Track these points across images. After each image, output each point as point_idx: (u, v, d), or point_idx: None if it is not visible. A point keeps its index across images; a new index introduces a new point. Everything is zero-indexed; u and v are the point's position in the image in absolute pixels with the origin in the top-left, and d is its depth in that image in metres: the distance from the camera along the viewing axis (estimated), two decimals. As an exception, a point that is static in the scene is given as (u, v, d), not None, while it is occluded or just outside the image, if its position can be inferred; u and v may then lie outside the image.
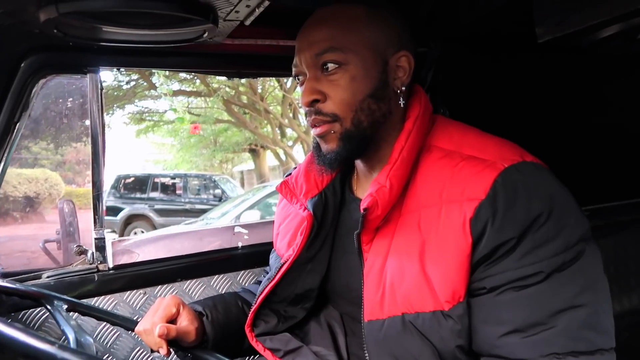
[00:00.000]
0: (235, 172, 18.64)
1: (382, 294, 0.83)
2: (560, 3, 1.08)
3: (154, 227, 9.55)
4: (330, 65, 0.86)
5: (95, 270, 1.23)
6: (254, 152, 14.02)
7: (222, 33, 1.12)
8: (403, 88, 0.91)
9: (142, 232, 9.64)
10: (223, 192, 10.26)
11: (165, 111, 12.35)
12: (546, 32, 1.13)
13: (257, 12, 0.99)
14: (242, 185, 16.41)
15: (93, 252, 1.24)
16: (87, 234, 1.26)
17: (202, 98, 11.74)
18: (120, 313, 1.20)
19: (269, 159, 14.51)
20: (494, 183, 0.75)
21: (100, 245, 1.23)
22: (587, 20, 1.04)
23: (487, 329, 0.75)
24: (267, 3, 0.95)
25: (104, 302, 1.22)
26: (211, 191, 10.40)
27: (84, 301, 1.19)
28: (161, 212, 9.88)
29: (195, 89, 11.09)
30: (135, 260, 1.29)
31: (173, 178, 10.62)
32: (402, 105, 0.91)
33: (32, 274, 1.22)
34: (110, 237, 1.28)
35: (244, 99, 11.31)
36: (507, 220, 0.73)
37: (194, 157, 14.87)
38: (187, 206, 10.01)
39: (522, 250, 0.73)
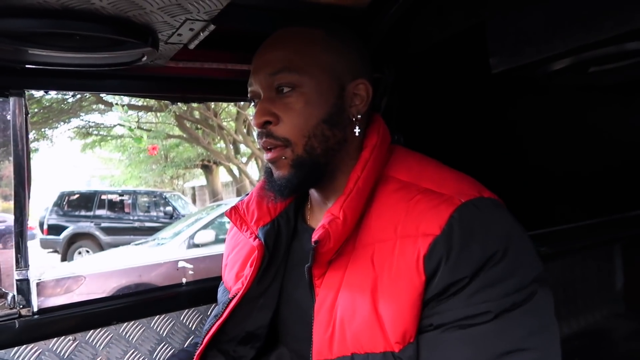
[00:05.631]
0: (186, 189, 18.25)
1: (331, 332, 0.78)
2: (515, 35, 1.08)
3: (101, 247, 9.25)
4: (285, 88, 0.83)
5: (17, 315, 1.09)
6: (206, 168, 13.77)
7: (163, 56, 1.04)
8: (359, 116, 0.87)
9: (88, 251, 9.28)
10: (174, 209, 10.03)
11: (114, 125, 11.97)
12: (500, 63, 1.14)
13: (202, 36, 0.93)
14: (194, 201, 16.09)
15: (14, 295, 1.10)
16: (8, 271, 1.12)
17: (153, 113, 11.44)
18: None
19: (222, 175, 14.29)
20: (449, 219, 0.71)
21: (23, 288, 1.10)
22: (541, 52, 1.05)
23: None
24: (212, 27, 0.89)
25: (25, 352, 1.08)
26: (162, 208, 10.16)
27: (2, 352, 1.06)
28: (108, 231, 9.60)
29: (145, 103, 10.80)
30: (64, 303, 1.16)
31: (121, 195, 10.31)
32: (357, 134, 0.87)
33: None
34: (35, 276, 1.13)
35: (197, 114, 11.12)
36: (461, 259, 0.70)
37: (143, 173, 14.47)
38: (136, 224, 9.77)
39: (473, 289, 0.70)
